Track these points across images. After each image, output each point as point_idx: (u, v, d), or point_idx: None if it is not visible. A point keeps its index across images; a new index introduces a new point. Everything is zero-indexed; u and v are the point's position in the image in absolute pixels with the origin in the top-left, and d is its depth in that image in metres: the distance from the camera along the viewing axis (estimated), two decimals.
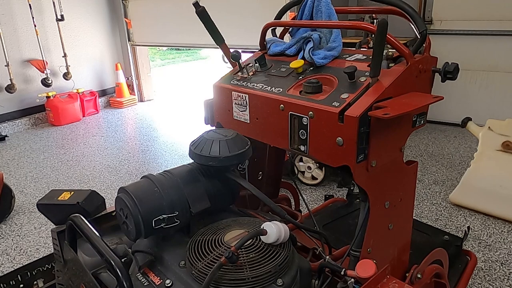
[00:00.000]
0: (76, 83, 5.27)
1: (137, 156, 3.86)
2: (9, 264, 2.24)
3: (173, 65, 10.28)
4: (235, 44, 3.61)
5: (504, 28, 3.73)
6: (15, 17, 4.64)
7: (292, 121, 1.08)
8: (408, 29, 1.12)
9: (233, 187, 1.06)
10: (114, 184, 3.22)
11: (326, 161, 1.03)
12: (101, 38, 5.64)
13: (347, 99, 0.98)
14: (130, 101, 5.81)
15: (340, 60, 1.17)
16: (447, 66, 1.03)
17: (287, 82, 1.17)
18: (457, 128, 3.86)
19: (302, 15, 1.28)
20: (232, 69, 1.37)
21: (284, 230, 0.84)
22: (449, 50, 3.87)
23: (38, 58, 4.87)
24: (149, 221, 0.89)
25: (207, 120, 1.42)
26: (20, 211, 2.82)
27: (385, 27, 0.89)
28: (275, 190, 1.68)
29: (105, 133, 4.61)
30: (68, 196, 1.22)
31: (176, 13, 4.91)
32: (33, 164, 3.71)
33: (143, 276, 0.90)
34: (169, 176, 0.98)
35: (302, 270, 0.91)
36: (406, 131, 1.08)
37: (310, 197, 2.81)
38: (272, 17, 1.39)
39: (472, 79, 4.00)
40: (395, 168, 1.09)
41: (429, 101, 0.96)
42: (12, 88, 4.64)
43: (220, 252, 0.82)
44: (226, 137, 1.00)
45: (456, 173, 3.11)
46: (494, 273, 1.97)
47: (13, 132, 4.74)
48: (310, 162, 2.90)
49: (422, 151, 3.62)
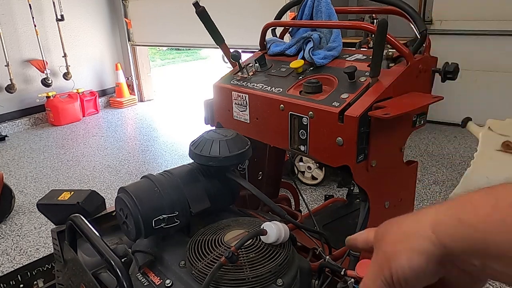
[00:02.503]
0: (76, 83, 5.27)
1: (137, 156, 3.86)
2: (9, 264, 2.24)
3: (173, 65, 10.28)
4: (235, 44, 3.61)
5: (504, 28, 3.73)
6: (15, 17, 4.64)
7: (292, 121, 1.08)
8: (408, 29, 1.12)
9: (233, 187, 1.06)
10: (114, 184, 3.22)
11: (326, 161, 1.03)
12: (101, 38, 5.64)
13: (347, 99, 0.98)
14: (130, 101, 5.81)
15: (340, 60, 1.17)
16: (447, 66, 1.03)
17: (287, 82, 1.17)
18: (457, 128, 3.85)
19: (302, 15, 1.28)
20: (232, 69, 1.37)
21: (284, 230, 0.84)
22: (449, 50, 3.87)
23: (38, 58, 4.87)
24: (149, 221, 0.89)
25: (207, 120, 1.42)
26: (20, 211, 2.82)
27: (385, 27, 0.89)
28: (275, 190, 1.68)
29: (105, 133, 4.61)
30: (68, 196, 1.22)
31: (176, 13, 4.91)
32: (33, 164, 3.71)
33: (143, 276, 0.90)
34: (169, 176, 0.98)
35: (302, 270, 0.91)
36: (406, 131, 1.08)
37: (310, 197, 2.81)
38: (272, 17, 1.39)
39: (472, 79, 4.00)
40: (395, 168, 1.09)
41: (429, 101, 0.96)
42: (12, 88, 4.64)
43: (220, 252, 0.82)
44: (226, 137, 1.00)
45: (456, 173, 3.11)
46: None
47: (13, 132, 4.73)
48: (310, 162, 2.90)
49: (422, 151, 3.62)
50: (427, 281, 0.40)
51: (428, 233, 0.38)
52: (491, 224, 0.34)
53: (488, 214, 0.34)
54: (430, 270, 0.39)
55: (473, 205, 0.36)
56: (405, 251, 0.39)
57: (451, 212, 0.37)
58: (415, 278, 0.39)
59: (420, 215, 0.40)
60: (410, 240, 0.39)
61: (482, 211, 0.35)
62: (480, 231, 0.34)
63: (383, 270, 0.41)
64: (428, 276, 0.39)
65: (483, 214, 0.34)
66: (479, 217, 0.35)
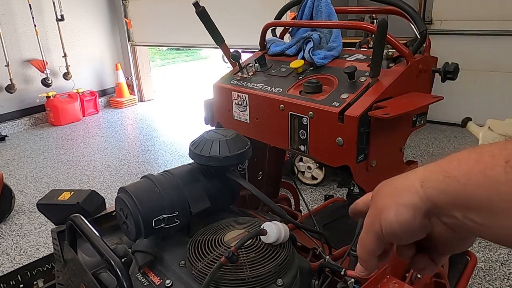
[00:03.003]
0: (76, 83, 5.27)
1: (137, 156, 3.86)
2: (9, 264, 2.24)
3: (173, 65, 10.29)
4: (235, 44, 3.61)
5: (504, 28, 3.73)
6: (15, 17, 4.64)
7: (292, 121, 1.08)
8: (408, 29, 1.12)
9: (233, 187, 1.06)
10: (114, 184, 3.22)
11: (326, 161, 1.03)
12: (101, 38, 5.64)
13: (347, 99, 0.98)
14: (130, 101, 5.81)
15: (340, 60, 1.17)
16: (447, 66, 1.03)
17: (287, 82, 1.17)
18: (457, 128, 3.85)
19: (302, 15, 1.28)
20: (232, 69, 1.37)
21: (284, 230, 0.84)
22: (449, 50, 3.87)
23: (38, 58, 4.87)
24: (149, 221, 0.89)
25: (207, 120, 1.42)
26: (20, 211, 2.82)
27: (385, 27, 0.89)
28: (275, 190, 1.68)
29: (105, 133, 4.61)
30: (68, 196, 1.22)
31: (176, 13, 4.91)
32: (33, 164, 3.71)
33: (143, 276, 0.90)
34: (169, 176, 0.97)
35: (302, 270, 0.90)
36: (406, 131, 1.08)
37: (310, 197, 2.81)
38: (272, 17, 1.38)
39: (472, 79, 4.00)
40: (395, 168, 1.09)
41: (429, 101, 0.96)
42: (12, 88, 4.64)
43: (220, 252, 0.82)
44: (226, 137, 1.00)
45: None
46: (494, 273, 1.97)
47: (13, 132, 4.74)
48: (310, 162, 2.90)
49: (422, 151, 3.62)
50: (414, 236, 0.41)
51: (417, 187, 0.39)
52: (472, 176, 0.35)
53: (471, 167, 0.35)
54: (416, 224, 0.39)
55: (459, 159, 0.37)
56: (394, 205, 0.40)
57: (438, 168, 0.38)
58: (402, 231, 0.40)
59: (412, 172, 0.42)
60: (400, 195, 0.40)
61: (465, 165, 0.36)
62: (462, 184, 0.35)
63: (374, 223, 0.43)
64: (415, 230, 0.40)
65: (466, 168, 0.35)
66: (462, 171, 0.36)
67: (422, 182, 0.39)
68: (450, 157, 0.38)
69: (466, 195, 0.35)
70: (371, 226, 0.43)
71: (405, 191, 0.40)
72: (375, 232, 0.43)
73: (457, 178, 0.36)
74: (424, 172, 0.40)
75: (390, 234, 0.41)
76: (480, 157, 0.35)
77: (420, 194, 0.39)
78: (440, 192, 0.37)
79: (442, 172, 0.37)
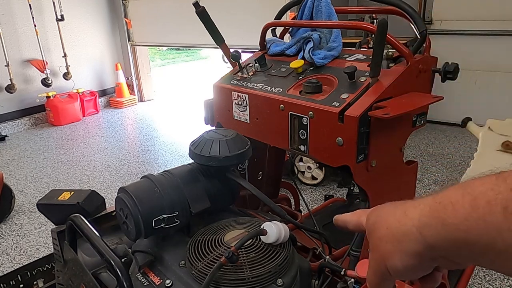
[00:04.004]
0: (76, 83, 5.27)
1: (137, 156, 3.86)
2: (9, 264, 2.24)
3: (173, 65, 10.29)
4: (235, 44, 3.61)
5: (504, 28, 3.73)
6: (15, 17, 4.64)
7: (292, 121, 1.08)
8: (408, 29, 1.12)
9: (233, 187, 1.06)
10: (114, 184, 3.22)
11: (326, 161, 1.03)
12: (101, 38, 5.64)
13: (347, 99, 0.98)
14: (130, 101, 5.81)
15: (340, 60, 1.17)
16: (447, 66, 1.03)
17: (287, 82, 1.17)
18: (457, 128, 3.85)
19: (302, 15, 1.28)
20: (232, 69, 1.37)
21: (284, 230, 0.84)
22: (449, 50, 3.87)
23: (38, 58, 4.87)
24: (149, 221, 0.89)
25: (207, 120, 1.42)
26: (20, 211, 2.82)
27: (385, 27, 0.89)
28: (275, 190, 1.68)
29: (105, 133, 4.61)
30: (68, 196, 1.22)
31: (176, 13, 4.91)
32: (33, 164, 3.71)
33: (143, 276, 0.90)
34: (169, 176, 0.98)
35: (302, 270, 0.90)
36: (406, 131, 1.08)
37: (310, 197, 2.81)
38: (272, 17, 1.38)
39: (472, 79, 4.00)
40: (395, 168, 1.09)
41: (429, 101, 0.96)
42: (12, 88, 4.64)
43: (220, 252, 0.82)
44: (226, 137, 1.00)
45: (456, 173, 3.11)
46: (494, 273, 1.97)
47: (13, 132, 4.74)
48: (310, 162, 2.90)
49: (422, 151, 3.62)
50: (422, 274, 0.44)
51: (416, 235, 0.39)
52: (472, 223, 0.35)
53: (468, 214, 0.35)
54: (424, 267, 0.42)
55: (453, 205, 0.37)
56: (397, 254, 0.41)
57: (433, 213, 0.38)
58: (410, 274, 0.43)
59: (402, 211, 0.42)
60: (400, 242, 0.41)
61: (462, 211, 0.35)
62: (463, 231, 0.35)
63: (380, 267, 0.44)
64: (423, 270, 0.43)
65: (463, 214, 0.35)
66: (459, 218, 0.36)
67: (420, 228, 0.39)
68: (441, 199, 0.38)
69: (468, 241, 0.35)
70: (378, 270, 0.45)
71: (405, 237, 0.40)
72: (382, 275, 0.45)
73: (457, 226, 0.36)
74: (420, 217, 0.39)
75: (399, 276, 0.43)
76: (475, 203, 0.35)
77: (421, 242, 0.39)
78: (442, 240, 0.37)
79: (439, 219, 0.37)
